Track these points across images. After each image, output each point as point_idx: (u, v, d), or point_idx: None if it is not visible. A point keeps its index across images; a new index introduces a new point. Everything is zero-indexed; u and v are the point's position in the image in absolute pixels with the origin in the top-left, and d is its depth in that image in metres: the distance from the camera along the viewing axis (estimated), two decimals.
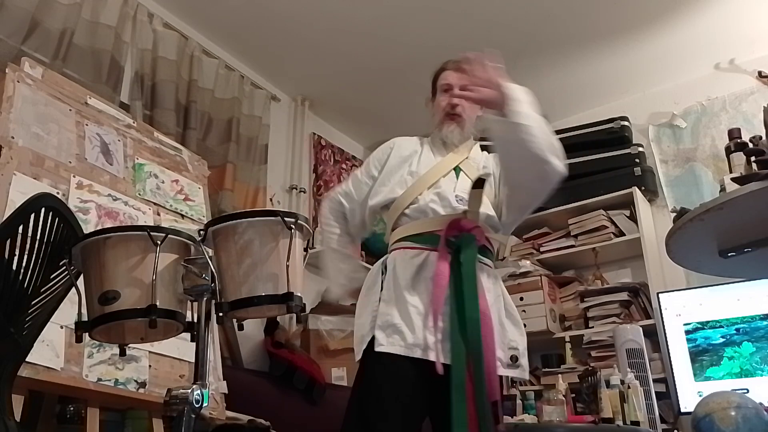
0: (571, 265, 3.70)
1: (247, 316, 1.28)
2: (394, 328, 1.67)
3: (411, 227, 1.82)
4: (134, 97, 2.92)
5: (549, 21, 3.34)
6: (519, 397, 2.83)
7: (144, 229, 1.21)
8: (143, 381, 1.93)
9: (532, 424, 2.51)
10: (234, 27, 3.38)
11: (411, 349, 1.64)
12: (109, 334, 1.24)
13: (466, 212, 1.79)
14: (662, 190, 3.71)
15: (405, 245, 1.80)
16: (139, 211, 2.21)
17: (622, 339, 2.88)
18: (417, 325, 1.65)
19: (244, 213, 1.24)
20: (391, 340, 1.65)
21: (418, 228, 1.80)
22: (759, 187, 1.79)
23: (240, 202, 3.28)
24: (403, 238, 1.82)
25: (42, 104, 2.06)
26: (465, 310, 1.64)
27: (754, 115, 3.47)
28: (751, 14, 3.33)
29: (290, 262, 1.18)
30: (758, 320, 2.90)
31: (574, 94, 3.96)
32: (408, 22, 3.28)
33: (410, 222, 1.82)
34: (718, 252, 2.14)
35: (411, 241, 1.79)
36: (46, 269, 1.23)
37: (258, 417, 2.31)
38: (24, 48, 2.48)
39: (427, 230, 1.78)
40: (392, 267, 1.77)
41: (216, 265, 1.21)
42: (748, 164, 2.02)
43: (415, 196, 1.84)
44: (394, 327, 1.67)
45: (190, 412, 1.12)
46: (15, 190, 1.78)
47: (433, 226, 1.77)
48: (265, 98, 3.71)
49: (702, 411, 2.31)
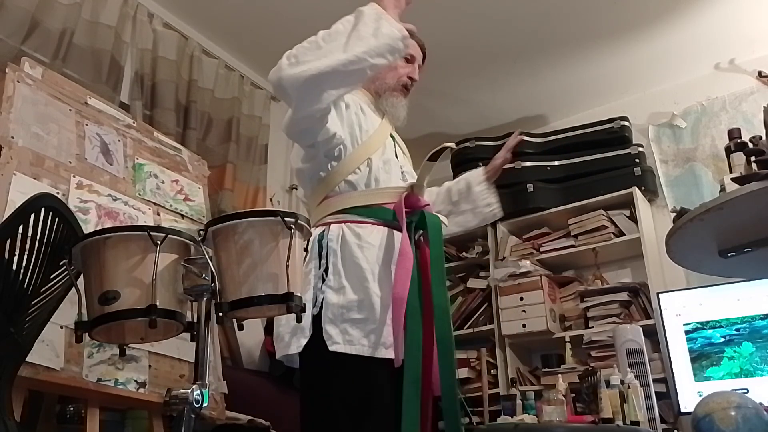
0: (571, 265, 3.70)
1: (247, 316, 1.28)
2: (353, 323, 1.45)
3: (355, 197, 1.57)
4: (134, 97, 2.92)
5: (549, 21, 3.33)
6: (519, 397, 2.82)
7: (144, 229, 1.21)
8: (143, 381, 1.93)
9: (532, 424, 2.51)
10: (234, 27, 3.38)
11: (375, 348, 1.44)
12: (109, 334, 1.24)
13: (413, 186, 1.61)
14: (662, 190, 3.71)
15: (348, 218, 1.55)
16: (139, 211, 2.21)
17: (622, 339, 2.87)
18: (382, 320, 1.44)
19: (244, 213, 1.24)
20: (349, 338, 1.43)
21: (365, 199, 1.57)
22: (759, 187, 1.79)
23: (240, 202, 3.28)
24: (344, 209, 1.57)
25: (42, 104, 2.05)
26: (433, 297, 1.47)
27: (754, 115, 3.47)
28: (751, 14, 3.33)
29: (290, 262, 1.18)
30: (758, 320, 2.90)
31: (574, 94, 3.96)
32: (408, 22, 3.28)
33: (353, 191, 1.58)
34: (718, 252, 2.14)
35: (356, 214, 1.56)
36: (46, 269, 1.23)
37: (258, 417, 2.31)
38: (24, 48, 2.48)
39: (376, 202, 1.57)
40: (337, 245, 1.52)
41: (216, 265, 1.21)
42: (748, 164, 2.02)
43: (364, 159, 1.60)
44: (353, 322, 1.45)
45: (190, 412, 1.12)
46: (15, 190, 1.78)
47: (383, 198, 1.57)
48: (265, 98, 3.70)
49: (702, 411, 2.31)
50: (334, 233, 1.54)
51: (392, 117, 1.78)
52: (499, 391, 3.35)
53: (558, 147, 3.82)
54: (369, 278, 1.49)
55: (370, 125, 1.68)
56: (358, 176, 1.59)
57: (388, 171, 1.63)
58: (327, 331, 1.45)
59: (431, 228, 1.53)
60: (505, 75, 3.71)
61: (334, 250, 1.52)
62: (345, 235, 1.53)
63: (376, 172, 1.60)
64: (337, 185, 1.59)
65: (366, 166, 1.60)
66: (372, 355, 1.44)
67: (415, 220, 1.55)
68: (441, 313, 1.46)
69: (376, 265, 1.51)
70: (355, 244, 1.52)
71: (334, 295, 1.48)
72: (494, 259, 3.70)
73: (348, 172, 1.58)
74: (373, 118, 1.73)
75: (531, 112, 4.13)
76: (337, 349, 1.44)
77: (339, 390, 1.44)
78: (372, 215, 1.55)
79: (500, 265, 3.64)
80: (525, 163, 3.75)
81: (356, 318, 1.46)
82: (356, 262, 1.50)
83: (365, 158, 1.60)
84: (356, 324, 1.46)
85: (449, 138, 3.92)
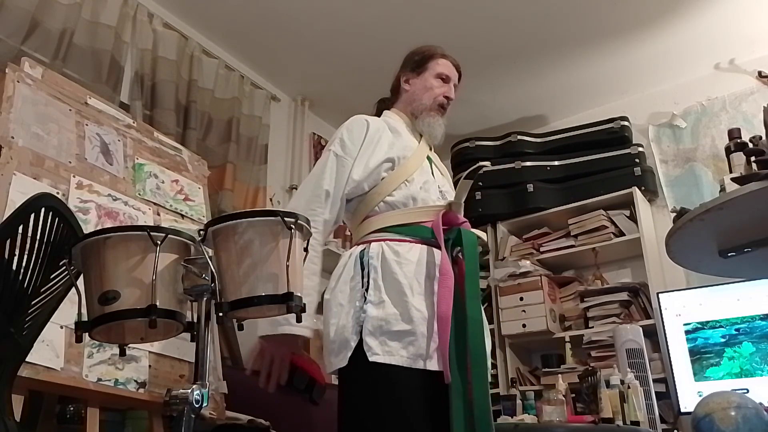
0: (571, 265, 3.70)
1: (247, 316, 1.28)
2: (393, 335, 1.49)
3: (395, 216, 1.63)
4: (134, 97, 2.92)
5: (549, 20, 3.34)
6: (519, 397, 2.83)
7: (144, 229, 1.21)
8: (143, 381, 1.92)
9: (532, 424, 2.51)
10: (234, 27, 3.38)
11: (414, 360, 1.48)
12: (109, 334, 1.24)
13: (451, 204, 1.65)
14: (662, 190, 3.71)
15: (387, 237, 1.60)
16: (139, 211, 2.21)
17: (622, 339, 2.88)
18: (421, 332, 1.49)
19: (244, 213, 1.23)
20: (388, 349, 1.48)
21: (404, 218, 1.62)
22: (759, 187, 1.79)
23: (240, 202, 3.28)
24: (384, 228, 1.62)
25: (42, 104, 2.05)
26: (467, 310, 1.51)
27: (754, 115, 3.47)
28: (751, 14, 3.33)
29: (290, 262, 1.18)
30: (758, 320, 2.90)
31: (574, 94, 3.96)
32: (408, 22, 3.28)
33: (392, 210, 1.63)
34: (718, 252, 2.14)
35: (395, 232, 1.61)
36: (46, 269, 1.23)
37: (258, 417, 2.31)
38: (24, 48, 2.48)
39: (415, 221, 1.62)
40: (378, 262, 1.57)
41: (216, 265, 1.20)
42: (748, 164, 2.02)
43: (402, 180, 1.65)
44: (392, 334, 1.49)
45: (190, 412, 1.12)
46: (15, 190, 1.78)
47: (420, 217, 1.62)
48: (265, 98, 3.71)
49: (702, 411, 2.31)
50: (375, 251, 1.59)
51: (429, 137, 1.82)
52: (499, 391, 3.36)
53: (558, 147, 3.82)
54: (408, 293, 1.53)
55: (408, 148, 1.73)
56: (397, 196, 1.64)
57: (427, 190, 1.67)
58: (367, 342, 1.49)
59: (467, 245, 1.58)
60: (505, 75, 3.72)
61: (375, 266, 1.56)
62: (384, 253, 1.58)
63: (415, 191, 1.65)
64: (376, 205, 1.65)
65: (405, 186, 1.66)
66: (411, 366, 1.48)
67: (452, 237, 1.59)
68: (475, 325, 1.51)
69: (415, 280, 1.55)
70: (394, 260, 1.56)
71: (374, 308, 1.52)
72: (494, 259, 3.71)
73: (387, 192, 1.64)
74: (409, 140, 1.77)
75: (531, 112, 4.13)
76: (377, 360, 1.47)
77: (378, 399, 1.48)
78: (411, 233, 1.60)
79: (500, 265, 3.64)
80: (525, 163, 3.76)
81: (395, 331, 1.49)
82: (395, 277, 1.54)
83: (403, 179, 1.66)
84: (395, 336, 1.49)
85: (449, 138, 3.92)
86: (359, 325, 1.52)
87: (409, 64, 1.91)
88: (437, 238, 1.58)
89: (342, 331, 1.54)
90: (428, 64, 1.87)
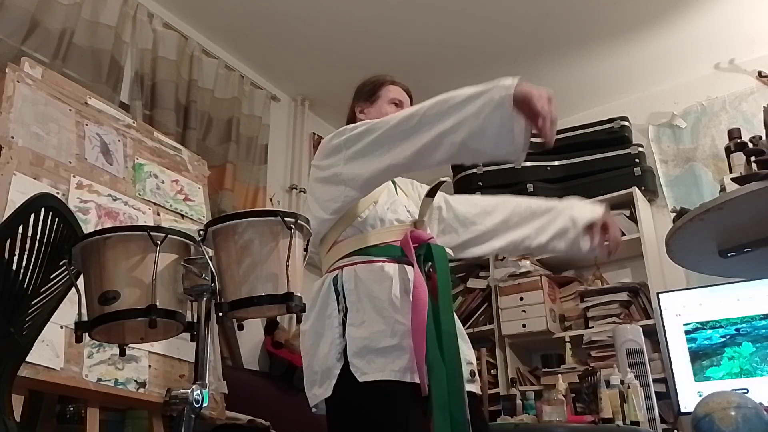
0: (571, 265, 3.69)
1: (247, 316, 1.28)
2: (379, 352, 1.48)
3: (363, 238, 1.62)
4: (134, 97, 2.92)
5: (549, 21, 3.34)
6: (519, 397, 2.83)
7: (144, 229, 1.20)
8: (143, 381, 1.93)
9: (532, 424, 2.51)
10: (234, 27, 3.38)
11: (403, 373, 1.47)
12: (109, 334, 1.24)
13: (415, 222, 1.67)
14: (662, 190, 3.71)
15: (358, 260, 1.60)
16: (139, 211, 2.21)
17: (622, 339, 2.87)
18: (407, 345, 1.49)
19: (244, 213, 1.23)
20: (377, 366, 1.47)
21: (373, 239, 1.62)
22: (759, 187, 1.80)
23: (240, 202, 3.28)
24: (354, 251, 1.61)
25: (42, 104, 2.06)
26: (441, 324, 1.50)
27: (754, 115, 3.47)
28: (751, 14, 3.33)
29: (290, 262, 1.18)
30: (758, 320, 2.90)
31: (574, 94, 3.95)
32: (408, 22, 3.29)
33: (360, 234, 1.63)
34: (718, 252, 2.14)
35: (366, 254, 1.60)
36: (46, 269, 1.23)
37: (258, 417, 2.31)
38: (24, 48, 2.48)
39: (384, 241, 1.62)
40: (352, 285, 1.57)
41: (216, 265, 1.20)
42: (748, 164, 2.03)
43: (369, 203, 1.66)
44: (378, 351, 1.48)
45: (190, 412, 1.12)
46: (15, 190, 1.78)
47: (389, 237, 1.62)
48: (265, 98, 3.71)
49: (702, 411, 2.31)
50: (348, 275, 1.58)
51: None
52: (499, 391, 3.35)
53: (558, 147, 3.80)
54: (389, 308, 1.53)
55: None
56: (364, 219, 1.64)
57: (394, 210, 1.67)
58: (354, 364, 1.48)
59: (438, 259, 1.57)
60: (504, 75, 3.70)
61: (350, 289, 1.56)
62: (359, 274, 1.57)
63: (382, 212, 1.65)
64: (344, 230, 1.65)
65: (372, 208, 1.65)
66: (401, 380, 1.47)
67: (422, 252, 1.59)
68: (448, 338, 1.50)
69: (393, 295, 1.54)
70: (370, 279, 1.56)
71: (356, 330, 1.51)
72: (494, 259, 3.70)
73: (354, 217, 1.63)
74: None
75: None
76: (368, 379, 1.46)
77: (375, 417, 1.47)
78: (381, 253, 1.60)
79: (500, 265, 3.64)
80: (525, 163, 3.75)
81: (381, 347, 1.49)
82: (374, 295, 1.54)
83: (370, 202, 1.66)
84: (382, 353, 1.49)
85: None
86: (341, 350, 1.51)
87: (361, 95, 1.97)
88: (407, 254, 1.58)
89: (324, 361, 1.53)
90: (380, 92, 1.90)
